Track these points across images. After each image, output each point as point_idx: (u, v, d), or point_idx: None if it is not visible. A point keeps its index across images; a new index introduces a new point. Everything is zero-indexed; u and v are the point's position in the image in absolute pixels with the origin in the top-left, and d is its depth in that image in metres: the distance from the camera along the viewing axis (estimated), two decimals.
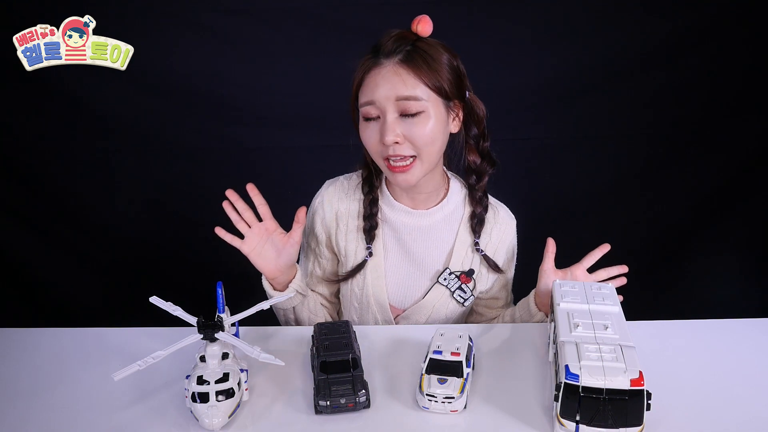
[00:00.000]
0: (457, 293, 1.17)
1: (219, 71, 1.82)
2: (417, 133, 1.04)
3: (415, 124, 1.03)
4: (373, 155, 1.09)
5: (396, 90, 1.02)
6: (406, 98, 1.02)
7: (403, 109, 1.03)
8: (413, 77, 1.02)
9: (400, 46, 1.03)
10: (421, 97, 1.03)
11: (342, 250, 1.19)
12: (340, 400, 0.85)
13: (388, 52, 1.03)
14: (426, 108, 1.03)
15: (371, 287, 1.17)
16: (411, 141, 1.04)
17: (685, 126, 1.86)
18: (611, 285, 1.00)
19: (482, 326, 1.12)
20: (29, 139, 1.86)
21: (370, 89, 1.03)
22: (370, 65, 1.04)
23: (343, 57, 1.12)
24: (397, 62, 1.03)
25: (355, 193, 1.19)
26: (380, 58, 1.03)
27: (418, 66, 1.02)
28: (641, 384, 0.76)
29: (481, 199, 1.17)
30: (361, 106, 1.06)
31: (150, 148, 1.88)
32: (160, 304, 0.92)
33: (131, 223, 1.96)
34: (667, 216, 1.94)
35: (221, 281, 0.93)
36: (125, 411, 0.90)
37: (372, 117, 1.05)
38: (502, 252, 1.22)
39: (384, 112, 1.03)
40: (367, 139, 1.07)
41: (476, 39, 1.71)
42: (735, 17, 1.75)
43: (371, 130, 1.06)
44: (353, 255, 1.18)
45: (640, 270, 1.98)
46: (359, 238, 1.17)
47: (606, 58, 1.79)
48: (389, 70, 1.02)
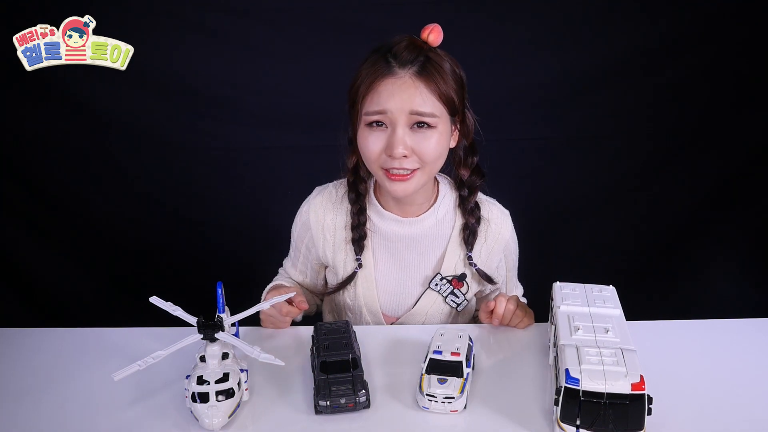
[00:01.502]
0: (450, 298, 1.15)
1: (219, 71, 1.81)
2: (426, 148, 1.02)
3: (425, 139, 1.02)
4: (371, 163, 1.06)
5: (411, 103, 1.00)
6: (421, 113, 1.01)
7: (414, 123, 1.01)
8: (429, 92, 1.01)
9: (415, 57, 1.01)
10: (435, 114, 1.02)
11: (330, 261, 1.17)
12: (340, 400, 0.85)
13: (405, 62, 1.01)
14: (437, 123, 1.02)
15: (362, 297, 1.16)
16: (418, 155, 1.03)
17: (685, 126, 1.86)
18: (612, 287, 1.00)
19: (482, 326, 1.12)
20: (29, 139, 1.86)
21: (383, 98, 1.01)
22: (382, 72, 1.01)
23: (344, 57, 1.12)
24: (413, 74, 1.00)
25: (343, 204, 1.16)
26: (395, 67, 1.01)
27: (434, 80, 1.01)
28: (642, 388, 0.75)
29: (473, 211, 1.15)
30: (369, 113, 1.02)
31: (150, 148, 1.88)
32: (160, 304, 0.92)
33: (131, 223, 1.96)
34: (667, 216, 1.94)
35: (221, 281, 0.93)
36: (125, 411, 0.90)
37: (378, 125, 1.03)
38: (499, 250, 1.19)
39: (395, 123, 1.01)
40: (371, 146, 1.04)
41: (476, 39, 1.71)
42: (735, 16, 1.75)
43: (375, 137, 1.03)
44: (342, 266, 1.16)
45: (639, 270, 2.00)
46: (348, 249, 1.15)
47: (606, 58, 1.79)
48: (405, 82, 1.00)
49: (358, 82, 1.04)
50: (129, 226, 1.97)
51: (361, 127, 1.05)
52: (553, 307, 0.97)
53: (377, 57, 1.03)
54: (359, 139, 1.06)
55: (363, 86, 1.03)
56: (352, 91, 1.06)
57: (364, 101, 1.03)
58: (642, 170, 1.92)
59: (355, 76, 1.06)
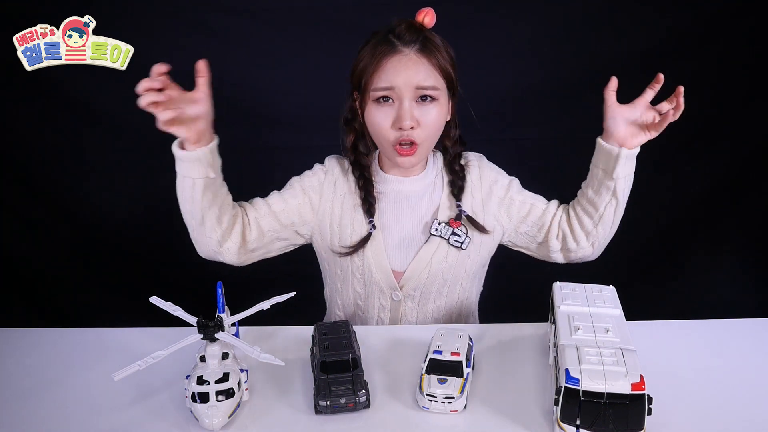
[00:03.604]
0: (453, 239, 1.18)
1: (219, 71, 1.80)
2: (429, 119, 1.10)
3: (428, 111, 1.10)
4: (380, 137, 1.13)
5: (417, 78, 1.08)
6: (425, 87, 1.08)
7: (419, 96, 1.09)
8: (431, 67, 1.09)
9: (416, 36, 1.09)
10: (438, 87, 1.10)
11: (337, 220, 1.19)
12: (340, 400, 0.85)
13: (408, 41, 1.08)
14: (439, 96, 1.10)
15: (371, 256, 1.18)
16: (423, 126, 1.10)
17: (684, 127, 1.85)
18: (612, 287, 1.00)
19: (482, 326, 1.12)
20: (29, 139, 1.86)
21: (390, 75, 1.08)
22: (388, 50, 1.08)
23: (344, 58, 1.13)
24: (416, 51, 1.08)
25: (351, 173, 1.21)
26: (399, 46, 1.08)
27: (435, 56, 1.09)
28: (642, 388, 0.75)
29: (456, 171, 1.21)
30: (377, 89, 1.09)
31: (150, 148, 1.87)
32: (160, 304, 0.92)
33: (131, 223, 1.96)
34: (667, 216, 1.94)
35: (221, 281, 0.93)
36: (125, 411, 0.90)
37: (386, 101, 1.09)
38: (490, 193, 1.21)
39: (402, 97, 1.08)
40: (380, 121, 1.10)
41: (476, 38, 1.71)
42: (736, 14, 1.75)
43: (384, 113, 1.10)
44: (350, 227, 1.18)
45: (639, 270, 2.00)
46: (356, 213, 1.19)
47: (606, 57, 1.79)
48: (411, 59, 1.08)
49: (363, 63, 1.11)
50: (129, 225, 1.97)
51: (369, 104, 1.11)
52: (553, 307, 0.97)
53: (379, 38, 1.10)
54: (368, 116, 1.13)
55: (370, 66, 1.09)
56: (357, 72, 1.12)
57: (371, 79, 1.10)
58: (641, 170, 1.91)
59: (357, 59, 1.12)
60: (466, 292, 1.25)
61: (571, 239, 1.21)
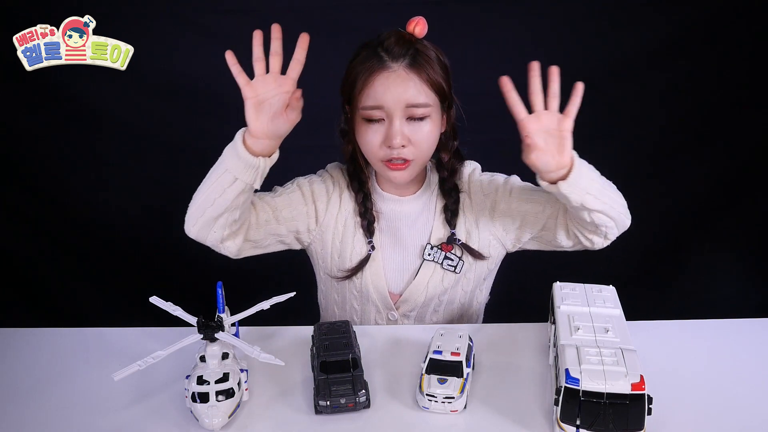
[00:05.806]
0: (446, 263, 1.16)
1: (219, 71, 1.80)
2: (421, 137, 1.06)
3: (420, 128, 1.06)
4: (370, 155, 1.09)
5: (407, 96, 1.03)
6: (416, 105, 1.04)
7: (410, 114, 1.04)
8: (422, 83, 1.04)
9: (406, 50, 1.04)
10: (429, 104, 1.05)
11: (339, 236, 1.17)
12: (340, 400, 0.85)
13: (397, 55, 1.03)
14: (430, 113, 1.06)
15: (370, 277, 1.17)
16: (414, 143, 1.06)
17: (684, 126, 1.86)
18: (612, 287, 1.00)
19: (482, 326, 1.12)
20: (29, 139, 1.86)
21: (379, 93, 1.04)
22: (376, 66, 1.04)
23: (344, 58, 1.12)
24: (405, 66, 1.03)
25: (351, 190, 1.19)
26: (387, 61, 1.04)
27: (425, 71, 1.04)
28: (642, 388, 0.76)
29: (451, 192, 1.17)
30: (366, 108, 1.05)
31: (150, 148, 1.88)
32: (160, 304, 0.92)
33: (131, 223, 1.96)
34: (667, 216, 1.94)
35: (221, 281, 0.93)
36: (125, 411, 0.90)
37: (376, 120, 1.05)
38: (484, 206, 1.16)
39: (392, 116, 1.04)
40: (370, 140, 1.07)
41: (476, 38, 1.71)
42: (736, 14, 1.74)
43: (374, 132, 1.06)
44: (351, 245, 1.17)
45: (639, 270, 1.99)
46: (357, 231, 1.17)
47: (607, 56, 1.79)
48: (399, 75, 1.03)
49: (352, 78, 1.07)
50: (129, 225, 1.96)
51: (359, 122, 1.08)
52: (553, 307, 0.97)
53: (369, 52, 1.06)
54: (358, 134, 1.09)
55: (358, 82, 1.05)
56: (346, 87, 1.09)
57: (360, 97, 1.05)
58: (641, 170, 1.91)
59: (346, 72, 1.08)
60: (465, 306, 1.24)
61: (583, 239, 1.13)
